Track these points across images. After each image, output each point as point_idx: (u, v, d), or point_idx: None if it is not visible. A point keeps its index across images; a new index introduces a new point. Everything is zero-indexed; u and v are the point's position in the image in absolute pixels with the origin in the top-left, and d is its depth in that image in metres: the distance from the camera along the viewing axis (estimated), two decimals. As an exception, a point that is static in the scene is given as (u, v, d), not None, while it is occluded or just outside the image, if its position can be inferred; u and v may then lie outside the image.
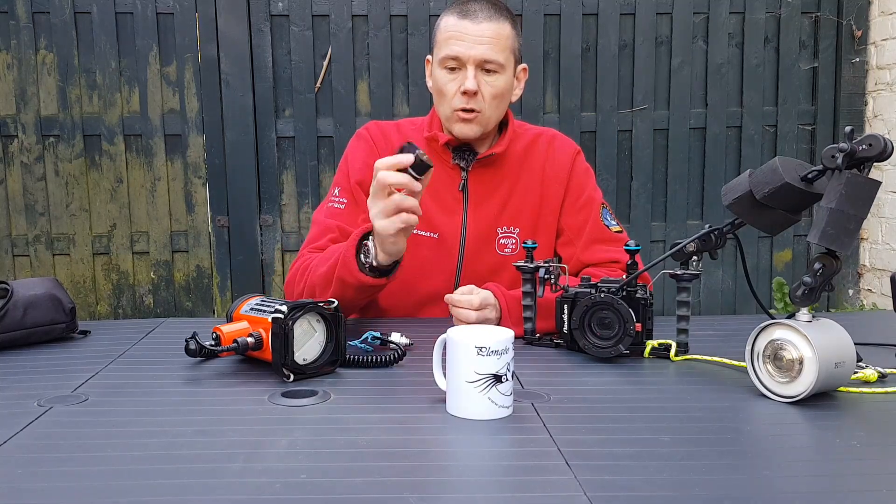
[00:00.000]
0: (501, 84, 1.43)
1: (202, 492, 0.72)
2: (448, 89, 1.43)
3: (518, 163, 1.52)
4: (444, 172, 1.50)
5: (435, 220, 1.49)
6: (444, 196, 1.50)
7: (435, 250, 1.49)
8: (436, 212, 1.49)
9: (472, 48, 1.40)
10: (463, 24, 1.40)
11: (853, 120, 3.31)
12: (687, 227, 3.34)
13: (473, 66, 1.41)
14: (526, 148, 1.54)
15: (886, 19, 3.22)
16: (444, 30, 1.44)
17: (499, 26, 1.41)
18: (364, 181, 1.47)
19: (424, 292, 1.49)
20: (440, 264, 1.49)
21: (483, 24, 1.40)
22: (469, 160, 1.50)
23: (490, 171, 1.51)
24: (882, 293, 3.28)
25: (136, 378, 1.09)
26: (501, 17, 1.42)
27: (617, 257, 1.47)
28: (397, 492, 0.72)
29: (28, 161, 3.13)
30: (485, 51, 1.40)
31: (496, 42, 1.41)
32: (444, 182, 1.50)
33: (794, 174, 1.00)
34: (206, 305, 3.27)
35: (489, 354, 0.90)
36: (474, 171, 1.50)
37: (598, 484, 0.73)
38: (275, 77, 3.18)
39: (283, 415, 0.94)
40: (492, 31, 1.40)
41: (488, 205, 1.50)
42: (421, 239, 1.47)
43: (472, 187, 1.50)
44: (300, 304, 1.06)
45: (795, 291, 0.98)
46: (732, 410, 0.96)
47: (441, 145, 1.49)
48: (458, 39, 1.40)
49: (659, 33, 3.28)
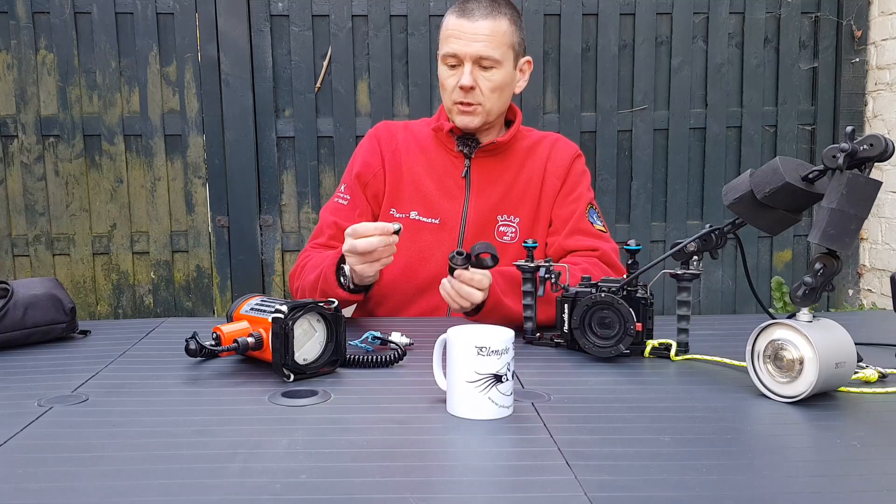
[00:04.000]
0: (499, 78, 1.51)
1: (202, 492, 0.72)
2: (448, 84, 1.53)
3: (522, 156, 1.59)
4: (447, 160, 1.59)
5: (437, 206, 1.56)
6: (447, 182, 1.57)
7: (436, 235, 1.56)
8: (438, 197, 1.56)
9: (468, 45, 1.48)
10: (460, 23, 1.49)
11: (853, 120, 3.31)
12: (687, 227, 3.34)
13: (470, 62, 1.49)
14: (531, 146, 1.61)
15: (886, 19, 3.22)
16: (444, 28, 1.53)
17: (495, 24, 1.48)
18: (361, 174, 1.60)
19: (425, 277, 1.55)
20: (441, 249, 1.55)
21: (479, 22, 1.48)
22: (472, 147, 1.57)
23: (493, 160, 1.58)
24: (882, 293, 3.28)
25: (136, 378, 1.09)
26: (499, 14, 1.49)
27: (596, 245, 1.54)
28: (397, 492, 0.72)
29: (28, 161, 3.13)
30: (480, 48, 1.48)
31: (492, 39, 1.48)
32: (448, 169, 1.58)
33: (795, 174, 1.00)
34: (206, 305, 3.27)
35: (489, 354, 0.90)
36: (477, 160, 1.57)
37: (598, 484, 0.73)
38: (275, 77, 3.18)
39: (283, 415, 0.94)
40: (488, 28, 1.48)
41: (490, 192, 1.57)
42: (422, 224, 1.56)
43: (475, 175, 1.57)
44: (300, 304, 1.06)
45: (796, 291, 0.98)
46: (732, 410, 0.96)
47: (445, 133, 1.57)
48: (456, 38, 1.49)
49: (659, 33, 3.28)
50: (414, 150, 1.60)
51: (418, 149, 1.60)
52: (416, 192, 1.57)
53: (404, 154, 1.59)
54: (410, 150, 1.60)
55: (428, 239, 1.55)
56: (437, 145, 1.59)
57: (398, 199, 1.58)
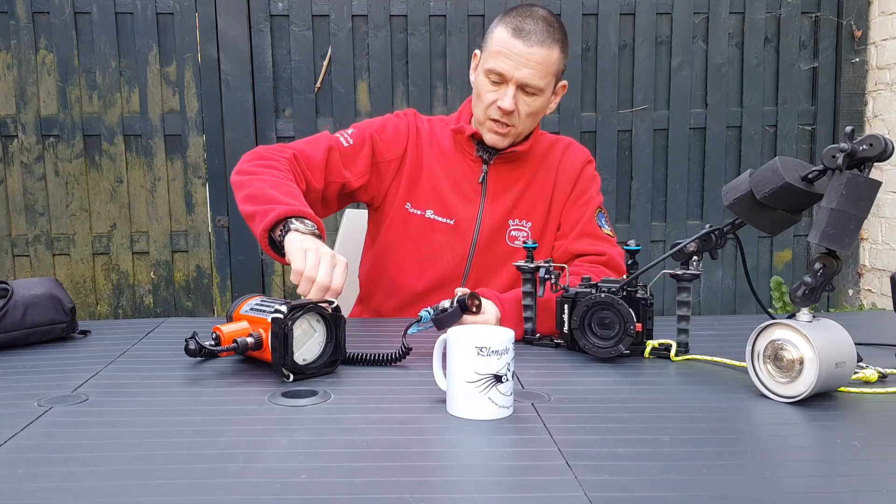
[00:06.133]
0: (538, 105, 1.49)
1: (202, 492, 0.72)
2: (486, 98, 1.48)
3: (536, 162, 1.59)
4: (465, 164, 1.58)
5: (452, 208, 1.56)
6: (464, 186, 1.57)
7: (449, 235, 1.56)
8: (454, 200, 1.56)
9: (517, 69, 1.42)
10: (514, 44, 1.42)
11: (853, 120, 3.31)
12: (687, 227, 3.34)
13: (514, 85, 1.44)
14: (544, 151, 1.61)
15: (886, 19, 3.22)
16: (496, 41, 1.45)
17: (548, 52, 1.43)
18: (378, 142, 1.56)
19: (437, 274, 1.57)
20: (454, 249, 1.56)
21: (534, 48, 1.41)
22: (491, 154, 1.56)
23: (509, 166, 1.57)
24: (882, 293, 3.28)
25: (136, 378, 1.09)
26: (553, 42, 1.44)
27: (603, 250, 1.53)
28: (397, 492, 0.71)
29: (28, 161, 3.13)
30: (528, 74, 1.43)
31: (541, 67, 1.43)
32: (465, 173, 1.57)
33: (795, 174, 1.00)
34: (206, 305, 3.27)
35: (489, 354, 0.90)
36: (495, 166, 1.57)
37: (598, 484, 0.73)
38: (275, 77, 3.18)
39: (283, 415, 0.94)
40: (540, 56, 1.42)
41: (504, 198, 1.57)
42: (437, 224, 1.56)
43: (492, 180, 1.57)
44: (300, 305, 1.06)
45: (796, 291, 0.98)
46: (732, 410, 0.96)
47: (466, 137, 1.55)
48: (506, 57, 1.42)
49: (659, 33, 3.28)
50: (435, 149, 1.59)
51: (438, 148, 1.59)
52: (433, 191, 1.56)
53: (426, 150, 1.58)
54: (432, 147, 1.59)
55: (441, 239, 1.56)
56: (455, 147, 1.58)
57: (415, 195, 1.56)
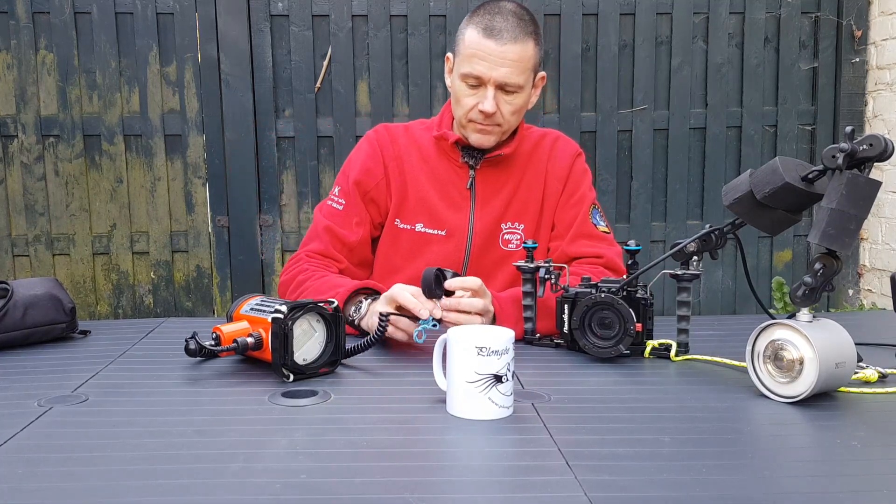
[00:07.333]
0: (520, 102, 1.46)
1: (202, 492, 0.72)
2: (466, 102, 1.44)
3: (523, 162, 1.55)
4: (451, 171, 1.54)
5: (442, 217, 1.52)
6: (452, 194, 1.53)
7: (442, 246, 1.53)
8: (443, 209, 1.52)
9: (493, 69, 1.39)
10: (487, 44, 1.38)
11: (853, 120, 3.31)
12: (687, 227, 3.34)
13: (493, 86, 1.41)
14: (531, 148, 1.57)
15: (886, 19, 3.22)
16: (468, 44, 1.41)
17: (522, 48, 1.40)
18: (361, 182, 1.54)
19: None
20: (448, 259, 1.52)
21: (507, 45, 1.38)
22: (477, 158, 1.53)
23: (497, 169, 1.54)
24: (882, 293, 3.28)
25: (136, 378, 1.09)
26: (526, 37, 1.40)
27: (601, 252, 1.51)
28: (397, 492, 0.71)
29: (28, 161, 3.13)
30: (505, 73, 1.40)
31: (518, 64, 1.40)
32: (453, 180, 1.53)
33: (795, 174, 1.00)
34: (206, 305, 3.27)
35: (489, 354, 0.90)
36: (481, 170, 1.53)
37: (598, 484, 0.73)
38: (275, 77, 3.18)
39: (283, 415, 0.94)
40: (515, 53, 1.39)
41: (494, 202, 1.53)
42: (429, 236, 1.52)
43: (480, 185, 1.53)
44: (300, 304, 1.06)
45: (796, 291, 0.98)
46: (732, 410, 0.96)
47: (450, 144, 1.52)
48: (481, 59, 1.39)
49: (659, 33, 3.28)
50: (416, 158, 1.54)
51: (420, 157, 1.54)
52: (420, 203, 1.52)
53: (406, 162, 1.54)
54: (412, 157, 1.54)
55: (435, 251, 1.52)
56: (439, 154, 1.54)
57: (403, 211, 1.53)
